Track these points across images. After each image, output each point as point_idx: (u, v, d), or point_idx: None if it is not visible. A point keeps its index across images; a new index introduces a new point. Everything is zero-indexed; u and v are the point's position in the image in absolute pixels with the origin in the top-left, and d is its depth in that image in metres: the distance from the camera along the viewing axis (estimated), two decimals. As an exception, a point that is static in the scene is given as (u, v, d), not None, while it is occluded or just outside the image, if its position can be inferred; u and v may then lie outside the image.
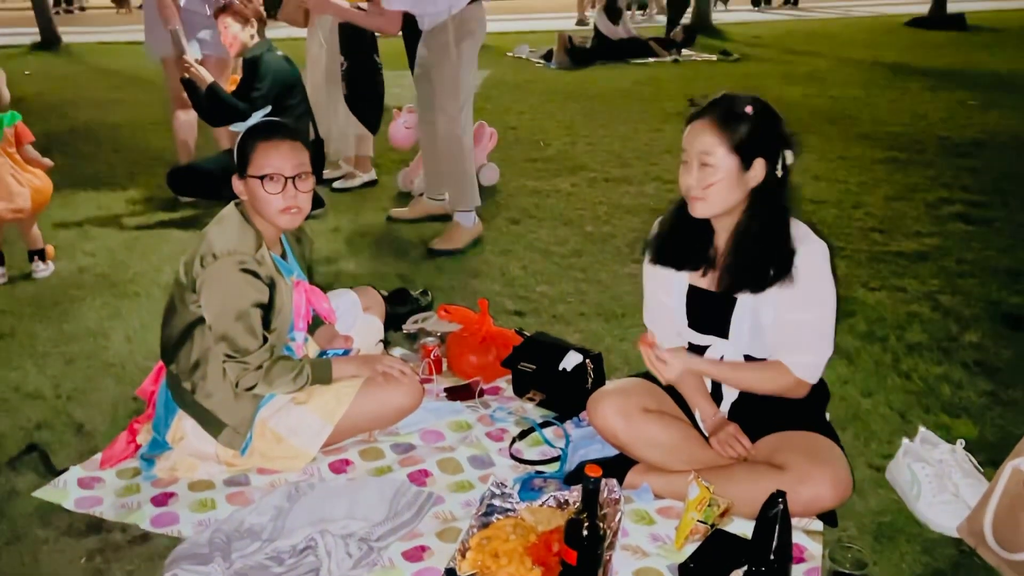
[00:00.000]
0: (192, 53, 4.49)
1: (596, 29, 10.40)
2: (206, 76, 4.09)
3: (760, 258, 1.94)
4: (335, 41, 4.71)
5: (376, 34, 4.70)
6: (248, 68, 4.14)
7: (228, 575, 1.83)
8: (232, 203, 2.19)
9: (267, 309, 2.13)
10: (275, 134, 2.15)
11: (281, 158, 2.13)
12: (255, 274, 2.08)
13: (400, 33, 4.34)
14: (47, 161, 3.63)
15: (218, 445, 2.17)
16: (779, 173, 1.94)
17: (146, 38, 4.93)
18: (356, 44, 4.71)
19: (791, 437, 2.00)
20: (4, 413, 2.55)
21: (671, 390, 2.18)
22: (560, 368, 2.44)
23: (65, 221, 4.32)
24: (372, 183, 5.08)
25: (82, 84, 9.10)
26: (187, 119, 4.92)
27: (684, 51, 10.58)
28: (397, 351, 2.88)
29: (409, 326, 2.97)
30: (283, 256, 2.28)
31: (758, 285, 1.94)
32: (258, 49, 4.14)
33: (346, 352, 2.41)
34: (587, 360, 2.46)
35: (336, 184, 5.01)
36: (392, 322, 2.99)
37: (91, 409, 2.56)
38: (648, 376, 2.24)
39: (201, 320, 2.11)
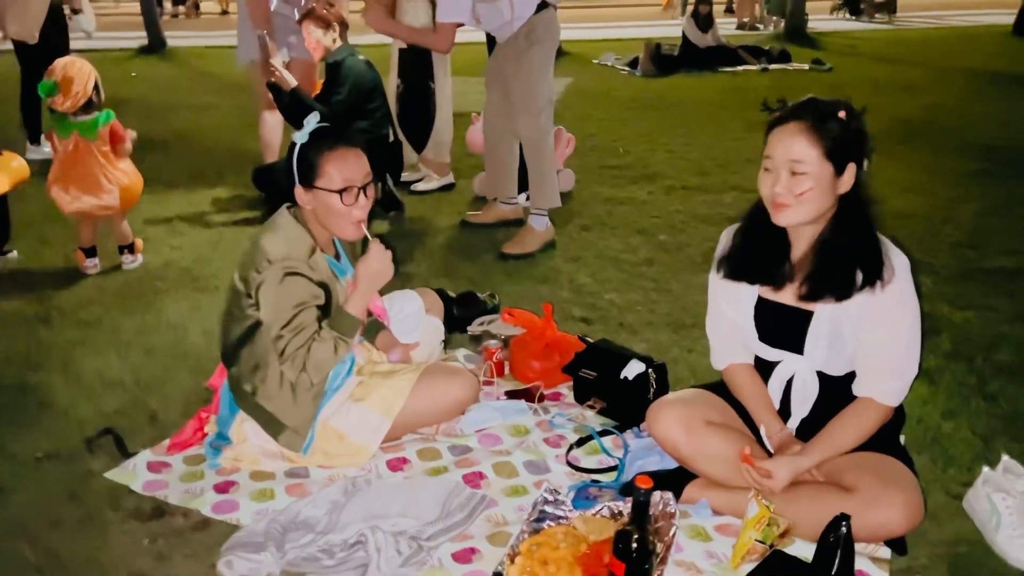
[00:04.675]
0: (279, 57, 4.64)
1: (684, 36, 10.25)
2: (290, 80, 4.21)
3: (847, 263, 1.86)
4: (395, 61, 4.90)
5: (433, 60, 4.80)
6: (330, 73, 4.25)
7: (280, 564, 1.86)
8: (284, 208, 2.23)
9: (323, 311, 2.16)
10: (340, 142, 2.17)
11: (353, 169, 2.15)
12: (308, 279, 2.11)
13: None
14: (130, 136, 3.70)
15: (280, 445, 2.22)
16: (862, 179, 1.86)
17: (238, 42, 5.12)
18: (412, 69, 4.85)
19: (861, 458, 1.91)
20: (87, 399, 2.67)
21: (737, 403, 2.11)
22: (622, 376, 2.40)
23: (156, 217, 4.51)
24: (449, 187, 5.13)
25: (182, 87, 9.50)
26: (273, 120, 5.07)
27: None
28: (461, 352, 2.89)
29: (474, 328, 2.98)
30: (336, 257, 2.31)
31: (844, 291, 1.86)
32: (340, 54, 4.24)
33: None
34: (650, 369, 2.41)
35: (414, 187, 5.08)
36: (458, 324, 3.00)
37: (165, 399, 2.66)
38: (712, 387, 2.19)
39: (258, 325, 2.15)
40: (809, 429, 2.01)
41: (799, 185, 1.83)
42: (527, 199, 4.25)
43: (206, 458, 2.29)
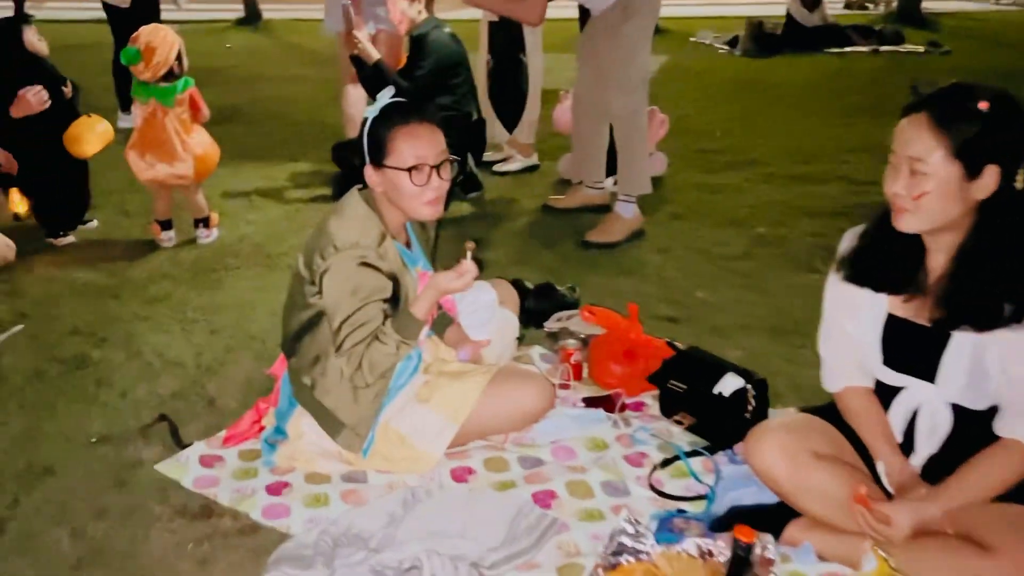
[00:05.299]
0: (365, 29, 4.48)
1: (788, 15, 9.69)
2: (373, 53, 4.05)
3: (991, 289, 1.56)
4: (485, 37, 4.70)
5: (524, 34, 4.56)
6: (414, 46, 4.08)
7: (328, 584, 1.70)
8: (355, 189, 2.04)
9: (391, 304, 1.97)
10: (411, 117, 1.97)
11: (425, 146, 1.95)
12: (377, 269, 1.93)
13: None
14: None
15: (338, 445, 2.05)
16: (1021, 185, 1.55)
17: (325, 13, 4.99)
18: (503, 43, 4.66)
19: (1002, 510, 1.61)
20: (146, 379, 2.57)
21: (852, 434, 1.83)
22: (716, 392, 2.13)
23: (233, 190, 4.43)
24: (533, 168, 4.90)
25: (273, 59, 9.51)
26: (356, 94, 4.92)
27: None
28: (536, 350, 2.67)
29: (551, 324, 2.76)
30: (407, 245, 2.12)
31: (985, 322, 1.57)
32: (425, 27, 4.05)
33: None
34: (748, 385, 2.14)
35: (496, 167, 4.87)
36: (534, 318, 2.79)
37: (225, 383, 2.54)
38: (822, 411, 1.91)
39: (321, 315, 1.99)
40: (936, 469, 1.72)
41: (917, 186, 1.57)
42: (615, 184, 3.99)
43: (261, 454, 2.14)
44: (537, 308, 2.81)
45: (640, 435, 2.20)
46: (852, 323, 1.81)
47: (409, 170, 1.94)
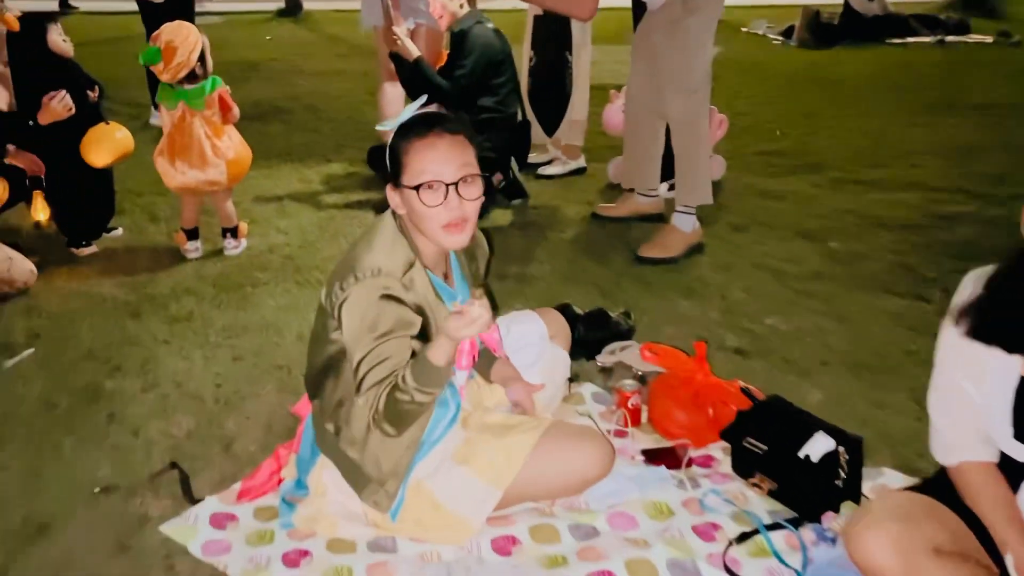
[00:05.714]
0: (404, 24, 4.23)
1: (846, 4, 9.23)
2: (412, 50, 3.80)
3: None
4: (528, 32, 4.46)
5: (572, 28, 4.28)
6: (455, 42, 3.82)
7: None
8: (388, 212, 1.79)
9: (421, 340, 1.71)
10: (431, 129, 1.69)
11: (439, 160, 1.67)
12: (400, 302, 1.67)
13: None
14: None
15: (364, 504, 1.80)
16: None
17: (362, 6, 4.75)
18: (547, 39, 4.40)
19: None
20: (160, 414, 2.34)
21: (969, 514, 1.53)
22: (802, 455, 1.83)
23: (265, 194, 4.22)
24: (580, 171, 4.61)
25: (312, 51, 9.32)
26: (394, 92, 4.68)
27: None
28: (587, 388, 2.39)
29: (605, 357, 2.48)
30: (446, 277, 1.85)
31: None
32: (467, 21, 3.79)
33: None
34: (841, 448, 1.84)
35: (541, 170, 4.58)
36: (585, 349, 2.51)
37: (245, 422, 2.30)
38: (931, 488, 1.61)
39: (344, 353, 1.73)
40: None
41: None
42: (669, 190, 3.69)
43: (279, 514, 1.90)
44: (588, 338, 2.53)
45: (710, 500, 1.90)
46: (974, 386, 1.51)
47: (417, 187, 1.68)
